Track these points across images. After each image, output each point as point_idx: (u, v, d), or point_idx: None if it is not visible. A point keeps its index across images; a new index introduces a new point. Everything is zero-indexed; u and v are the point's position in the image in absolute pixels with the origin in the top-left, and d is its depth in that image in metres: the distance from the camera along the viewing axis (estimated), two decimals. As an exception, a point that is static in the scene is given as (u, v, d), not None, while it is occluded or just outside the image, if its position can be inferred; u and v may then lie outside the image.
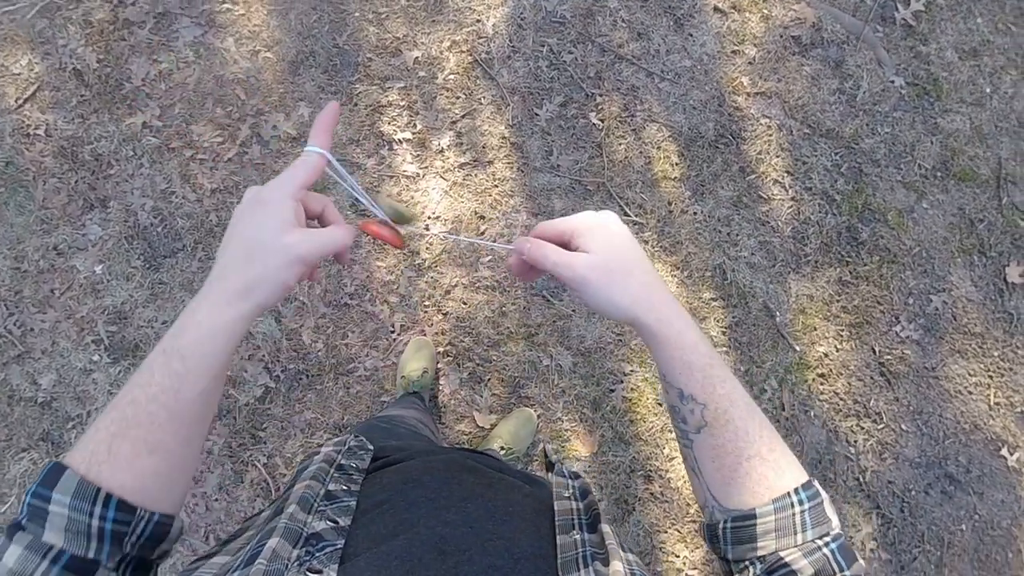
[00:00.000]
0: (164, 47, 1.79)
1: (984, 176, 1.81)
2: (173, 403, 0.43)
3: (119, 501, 0.41)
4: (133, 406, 0.43)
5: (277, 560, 0.39)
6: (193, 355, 0.43)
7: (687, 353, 0.47)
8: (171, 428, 0.43)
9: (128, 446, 0.42)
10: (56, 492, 0.40)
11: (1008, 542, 1.65)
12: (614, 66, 1.89)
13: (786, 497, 0.44)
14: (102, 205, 1.72)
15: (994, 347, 1.74)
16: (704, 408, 0.47)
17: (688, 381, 0.47)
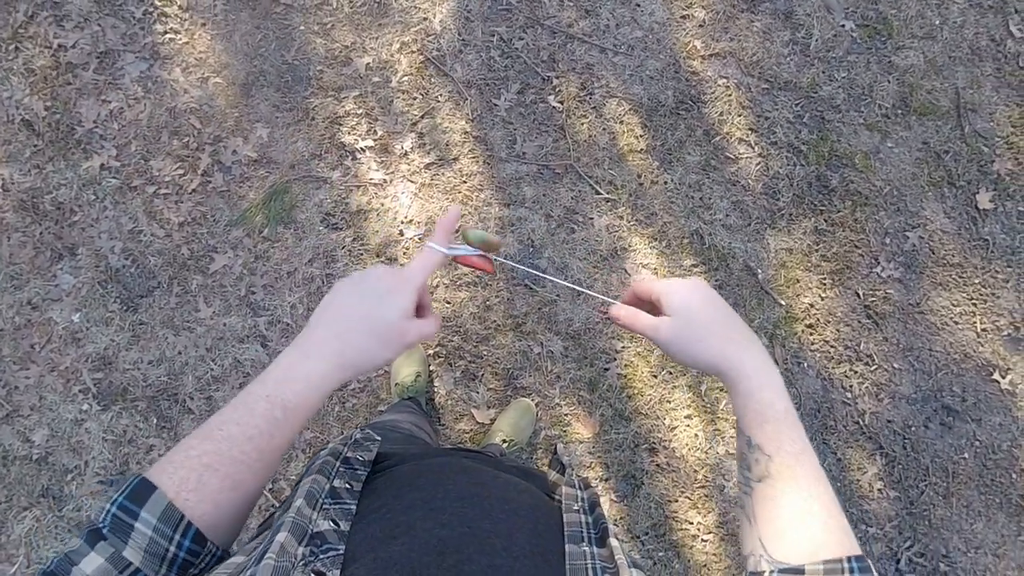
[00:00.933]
0: (111, 86, 1.77)
1: (944, 108, 1.82)
2: (266, 446, 0.46)
3: (196, 532, 0.43)
4: (229, 442, 0.46)
5: (285, 556, 0.39)
6: (296, 407, 0.47)
7: (763, 407, 0.50)
8: (257, 469, 0.47)
9: (217, 481, 0.45)
10: (144, 511, 0.42)
11: (1010, 463, 1.67)
12: (566, 46, 1.88)
13: (839, 562, 0.44)
14: (71, 253, 1.70)
15: (974, 275, 1.76)
16: (770, 460, 0.49)
17: (758, 432, 0.50)
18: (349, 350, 0.49)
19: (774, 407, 0.50)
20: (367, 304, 0.51)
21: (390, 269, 0.54)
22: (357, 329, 0.50)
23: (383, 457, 0.61)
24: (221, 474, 0.45)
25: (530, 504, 0.53)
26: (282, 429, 0.47)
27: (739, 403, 0.52)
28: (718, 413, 1.75)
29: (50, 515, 1.59)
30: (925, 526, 1.66)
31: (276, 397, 0.47)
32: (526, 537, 0.46)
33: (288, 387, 0.47)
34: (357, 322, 0.50)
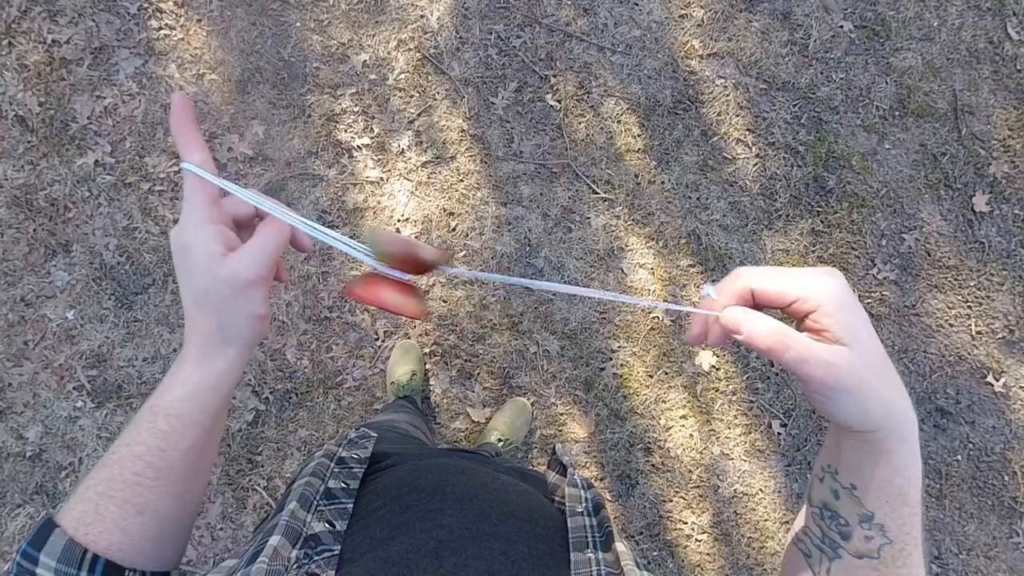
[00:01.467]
0: (106, 82, 1.76)
1: (941, 110, 1.82)
2: (159, 462, 0.42)
3: (106, 563, 0.41)
4: (120, 465, 0.42)
5: (278, 559, 0.39)
6: (180, 413, 0.42)
7: (910, 486, 0.38)
8: (159, 487, 0.43)
9: (115, 508, 0.42)
10: (43, 555, 0.40)
11: (1003, 466, 1.68)
12: (564, 45, 1.87)
13: None
14: (65, 250, 1.69)
15: (969, 277, 1.76)
16: (887, 545, 0.39)
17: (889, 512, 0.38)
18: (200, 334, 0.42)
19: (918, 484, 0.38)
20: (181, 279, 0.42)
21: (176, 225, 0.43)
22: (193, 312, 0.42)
23: (381, 457, 0.61)
24: (119, 499, 0.42)
25: (528, 506, 0.52)
26: (173, 441, 0.42)
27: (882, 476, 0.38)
28: (713, 413, 1.75)
29: (43, 513, 1.58)
30: (918, 527, 1.67)
31: (158, 408, 0.43)
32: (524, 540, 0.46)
33: (168, 395, 0.43)
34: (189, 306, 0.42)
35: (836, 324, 0.36)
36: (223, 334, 0.42)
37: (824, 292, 0.37)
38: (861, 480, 0.39)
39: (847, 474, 0.40)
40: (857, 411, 0.36)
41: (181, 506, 0.45)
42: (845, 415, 0.37)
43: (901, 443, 0.37)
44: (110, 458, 0.43)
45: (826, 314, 0.36)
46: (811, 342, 0.36)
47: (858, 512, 0.39)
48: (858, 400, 0.36)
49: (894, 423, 0.37)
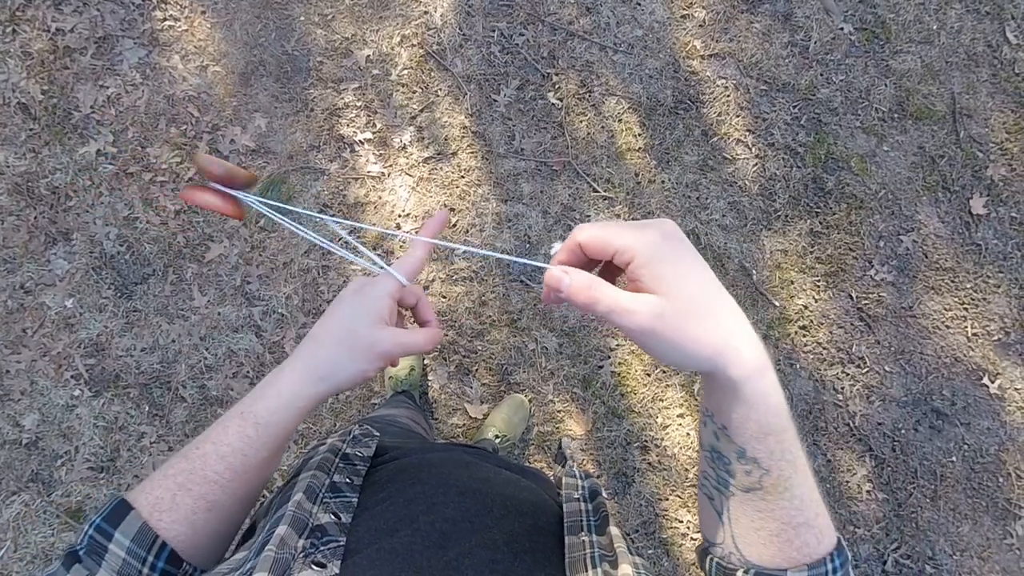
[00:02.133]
0: (109, 71, 1.76)
1: (940, 112, 1.83)
2: (239, 465, 0.46)
3: (171, 552, 0.43)
4: (203, 460, 0.45)
5: (285, 548, 0.39)
6: (268, 423, 0.46)
7: (768, 416, 0.38)
8: (232, 488, 0.46)
9: (191, 501, 0.44)
10: (118, 532, 0.42)
11: (997, 467, 1.69)
12: (566, 43, 1.88)
13: (822, 564, 0.41)
14: (65, 238, 1.69)
15: (966, 279, 1.77)
16: (766, 474, 0.40)
17: (757, 445, 0.39)
18: (320, 363, 0.48)
19: (780, 414, 0.39)
20: (338, 314, 0.49)
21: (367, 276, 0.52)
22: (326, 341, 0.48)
23: (383, 450, 0.61)
24: (195, 494, 0.44)
25: (531, 501, 0.53)
26: (256, 447, 0.46)
27: (737, 410, 0.38)
28: (710, 412, 1.75)
29: (39, 500, 1.58)
30: (912, 528, 1.68)
31: (249, 414, 0.46)
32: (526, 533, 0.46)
33: (261, 403, 0.46)
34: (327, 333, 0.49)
35: (647, 274, 0.37)
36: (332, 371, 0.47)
37: (640, 243, 0.37)
38: (726, 419, 0.40)
39: (717, 416, 0.40)
40: (676, 354, 0.37)
41: (242, 511, 0.49)
42: (667, 359, 0.38)
43: (744, 380, 0.37)
44: (193, 452, 0.46)
45: (639, 265, 0.37)
46: (619, 293, 0.37)
47: (734, 450, 0.40)
48: (672, 344, 0.36)
49: (725, 362, 0.37)
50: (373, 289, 0.50)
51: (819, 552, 0.41)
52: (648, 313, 0.36)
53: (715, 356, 0.37)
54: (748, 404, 0.38)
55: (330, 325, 0.49)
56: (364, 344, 0.48)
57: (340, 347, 0.47)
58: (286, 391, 0.47)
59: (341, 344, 0.48)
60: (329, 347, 0.48)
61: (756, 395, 0.38)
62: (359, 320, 0.48)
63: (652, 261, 0.37)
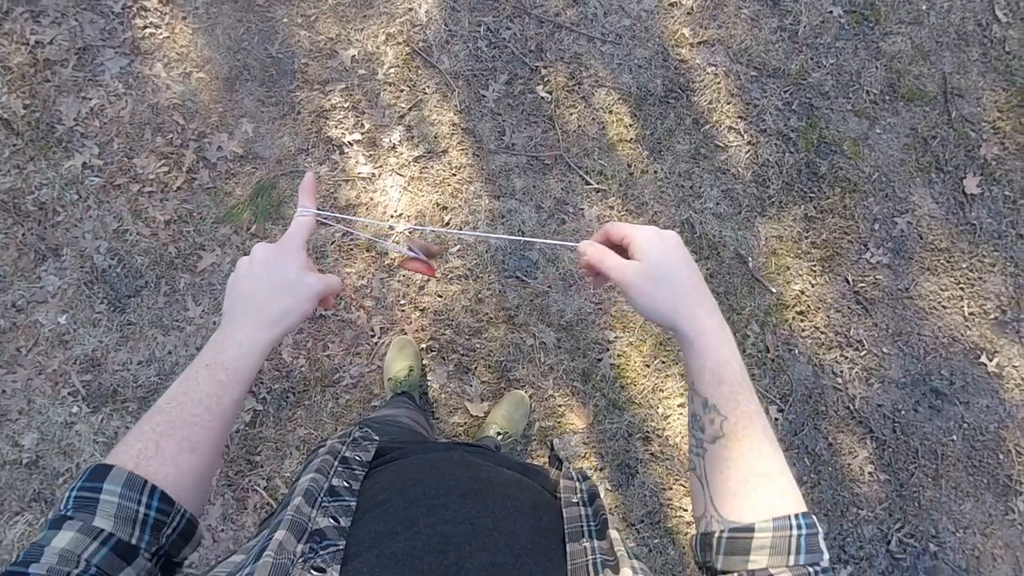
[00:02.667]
0: (91, 82, 1.73)
1: (931, 93, 1.82)
2: (216, 407, 0.50)
3: (162, 493, 0.45)
4: (179, 408, 0.49)
5: (283, 553, 0.39)
6: (236, 369, 0.52)
7: (719, 367, 0.50)
8: (211, 429, 0.50)
9: (174, 444, 0.48)
10: (107, 483, 0.44)
11: (997, 444, 1.70)
12: (554, 36, 1.86)
13: (786, 519, 0.45)
14: (55, 254, 1.67)
15: (961, 259, 1.77)
16: (724, 420, 0.49)
17: (714, 392, 0.50)
18: (268, 310, 0.54)
19: (731, 367, 0.50)
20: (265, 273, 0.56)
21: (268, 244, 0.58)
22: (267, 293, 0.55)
23: (384, 451, 0.62)
24: (177, 436, 0.48)
25: (532, 501, 0.53)
26: (228, 390, 0.51)
27: (695, 362, 0.51)
28: (711, 401, 1.76)
29: (42, 519, 1.58)
30: (915, 507, 1.69)
31: (216, 364, 0.51)
32: (528, 534, 0.46)
33: (225, 354, 0.52)
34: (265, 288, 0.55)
35: (636, 250, 0.54)
36: (282, 315, 0.55)
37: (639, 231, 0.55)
38: (692, 375, 0.52)
39: (689, 376, 0.53)
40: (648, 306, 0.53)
41: (216, 454, 0.52)
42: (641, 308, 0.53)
43: (702, 336, 0.51)
44: (166, 405, 0.50)
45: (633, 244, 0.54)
46: (618, 257, 0.55)
47: (700, 402, 0.51)
48: (646, 297, 0.52)
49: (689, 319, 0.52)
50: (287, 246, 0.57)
51: (784, 508, 0.46)
52: (631, 271, 0.53)
53: (673, 312, 0.52)
54: (702, 356, 0.51)
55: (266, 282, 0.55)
56: (303, 288, 0.56)
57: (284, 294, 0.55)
58: (246, 340, 0.52)
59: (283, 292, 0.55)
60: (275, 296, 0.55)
61: (708, 347, 0.51)
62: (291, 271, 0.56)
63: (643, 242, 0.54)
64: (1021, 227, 1.77)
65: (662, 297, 0.52)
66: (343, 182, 1.79)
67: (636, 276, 0.53)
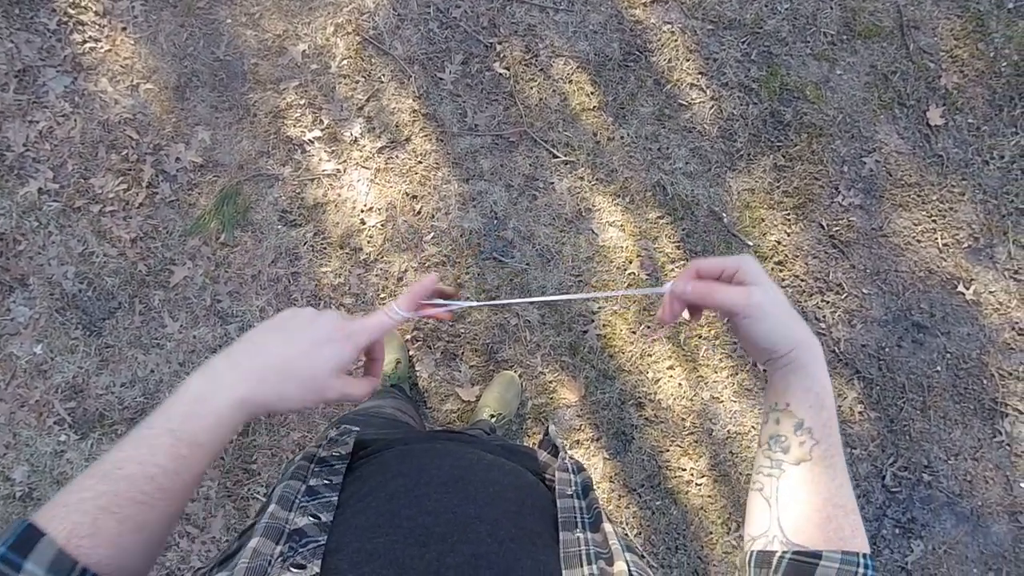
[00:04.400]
0: (36, 104, 1.68)
1: (887, 28, 1.81)
2: (171, 485, 0.43)
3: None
4: (128, 482, 0.41)
5: (259, 557, 0.39)
6: (204, 443, 0.44)
7: (824, 392, 0.50)
8: (163, 508, 0.43)
9: (115, 524, 0.40)
10: (29, 562, 0.38)
11: (981, 370, 1.73)
12: (505, 9, 1.83)
13: (855, 556, 0.45)
14: (22, 284, 1.64)
15: (932, 192, 1.78)
16: (816, 445, 0.49)
17: (814, 416, 0.49)
18: (265, 391, 0.46)
19: (831, 395, 0.50)
20: (296, 347, 0.48)
21: (336, 317, 0.50)
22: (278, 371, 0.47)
23: (365, 444, 0.61)
24: (120, 516, 0.41)
25: (515, 485, 0.53)
26: (189, 465, 0.44)
27: (801, 383, 0.50)
28: (699, 360, 1.77)
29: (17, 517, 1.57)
30: (906, 441, 1.72)
31: (183, 433, 0.43)
32: (511, 520, 0.46)
33: (196, 423, 0.44)
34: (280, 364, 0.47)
35: (750, 276, 0.51)
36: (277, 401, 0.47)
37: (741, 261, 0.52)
38: (790, 396, 0.51)
39: (783, 397, 0.51)
40: (773, 330, 0.50)
41: (171, 524, 0.46)
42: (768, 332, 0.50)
43: (813, 359, 0.51)
44: (115, 473, 0.42)
45: (744, 272, 0.51)
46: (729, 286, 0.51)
47: (792, 423, 0.50)
48: (772, 322, 0.50)
49: (803, 342, 0.51)
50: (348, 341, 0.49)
51: (853, 545, 0.46)
52: (758, 295, 0.49)
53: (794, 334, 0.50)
54: (811, 378, 0.50)
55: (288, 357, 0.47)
56: (318, 388, 0.48)
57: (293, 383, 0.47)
58: (226, 414, 0.45)
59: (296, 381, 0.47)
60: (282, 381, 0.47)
61: (820, 373, 0.51)
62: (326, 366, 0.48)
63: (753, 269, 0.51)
64: (986, 153, 1.78)
65: (783, 319, 0.50)
66: (308, 181, 1.76)
67: (763, 298, 0.49)
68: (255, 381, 0.46)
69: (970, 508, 1.69)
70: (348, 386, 0.50)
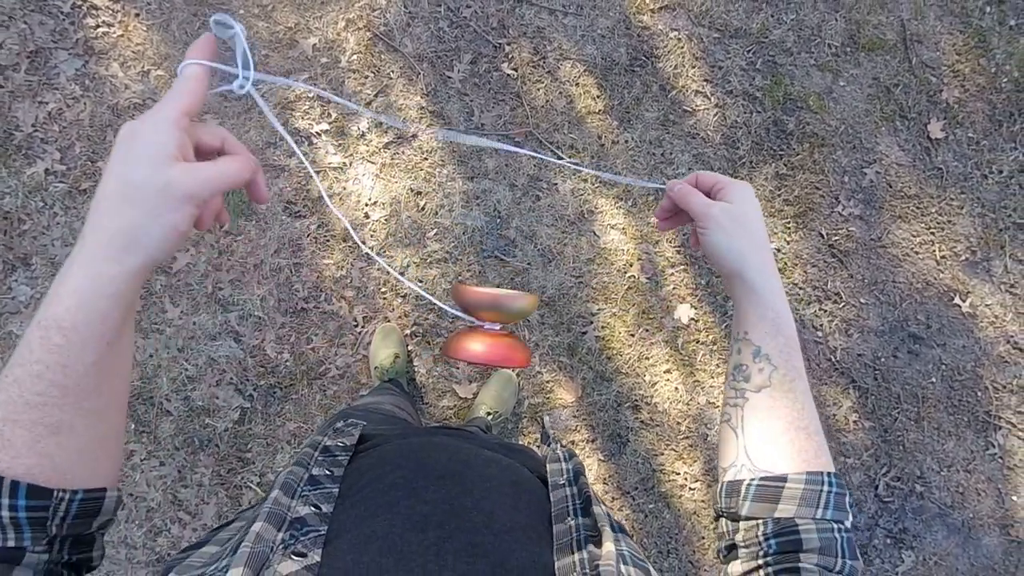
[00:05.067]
0: (47, 86, 1.70)
1: (891, 41, 1.84)
2: (63, 379, 0.38)
3: (29, 487, 0.37)
4: (17, 386, 0.38)
5: (262, 543, 0.39)
6: (75, 325, 0.38)
7: (779, 318, 0.51)
8: (70, 405, 0.39)
9: (24, 431, 0.38)
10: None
11: (975, 382, 1.74)
12: (515, 11, 1.85)
13: (820, 475, 0.46)
14: (24, 264, 1.64)
15: (931, 204, 1.80)
16: (775, 371, 0.50)
17: (771, 342, 0.50)
18: (109, 230, 0.38)
19: (788, 321, 0.51)
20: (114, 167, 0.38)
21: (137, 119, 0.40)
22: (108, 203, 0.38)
23: (364, 439, 0.61)
24: (25, 422, 0.38)
25: (512, 480, 0.54)
26: (74, 356, 0.38)
27: (755, 311, 0.51)
28: (696, 365, 1.78)
29: None
30: (900, 451, 1.73)
31: (48, 320, 0.38)
32: (506, 513, 0.47)
33: (57, 305, 0.38)
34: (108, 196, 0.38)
35: (725, 192, 0.55)
36: (132, 237, 0.38)
37: (737, 183, 0.55)
38: (748, 322, 0.52)
39: (742, 325, 0.53)
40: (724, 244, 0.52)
41: (100, 421, 0.41)
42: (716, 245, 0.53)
43: (767, 287, 0.52)
44: (4, 381, 0.38)
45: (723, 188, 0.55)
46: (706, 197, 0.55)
47: (751, 350, 0.51)
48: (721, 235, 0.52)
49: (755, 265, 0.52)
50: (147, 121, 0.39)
51: (817, 464, 0.47)
52: (717, 208, 0.53)
53: (745, 256, 0.52)
54: (764, 305, 0.51)
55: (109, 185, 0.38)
56: (159, 190, 0.37)
57: (129, 205, 0.37)
58: (84, 283, 0.37)
59: (130, 201, 0.37)
60: (116, 210, 0.38)
61: (772, 297, 0.51)
62: (142, 164, 0.38)
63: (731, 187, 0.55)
64: (985, 168, 1.80)
65: (738, 238, 0.52)
66: (314, 173, 1.77)
67: (721, 213, 0.53)
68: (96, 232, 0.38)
69: (961, 520, 1.70)
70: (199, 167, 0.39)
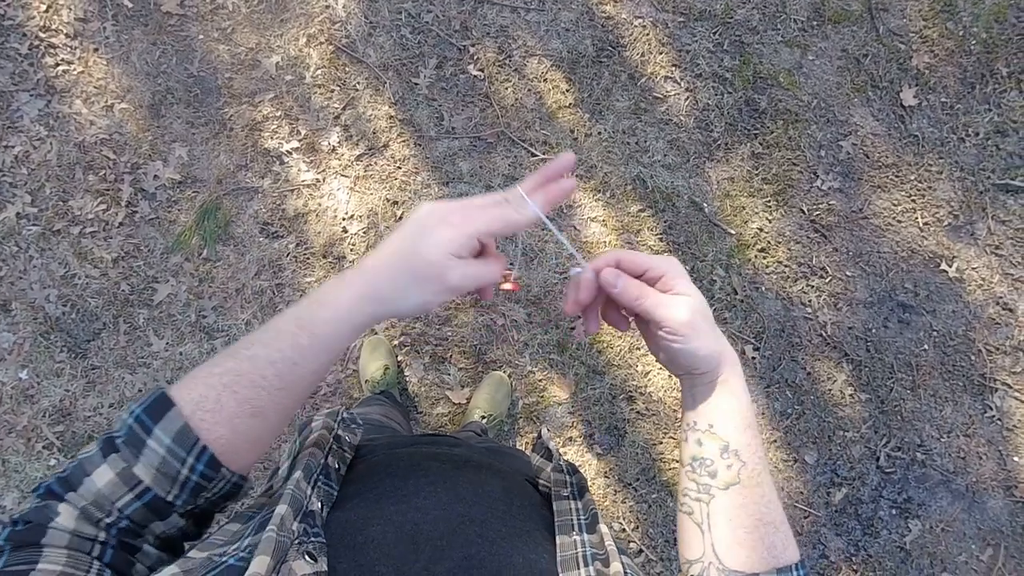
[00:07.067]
0: (11, 129, 1.68)
1: (857, 12, 1.82)
2: (288, 373, 0.44)
3: (211, 456, 0.42)
4: (252, 363, 0.44)
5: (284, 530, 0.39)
6: (323, 335, 0.44)
7: (746, 409, 0.48)
8: (278, 396, 0.44)
9: (235, 404, 0.43)
10: (158, 428, 0.41)
11: (968, 346, 1.73)
12: (476, 12, 1.83)
13: (789, 571, 0.46)
14: (4, 310, 1.63)
15: (909, 172, 1.79)
16: (743, 466, 0.47)
17: (740, 437, 0.47)
18: (381, 283, 0.44)
19: (752, 411, 0.48)
20: (408, 238, 0.44)
21: (449, 203, 0.45)
22: (391, 262, 0.44)
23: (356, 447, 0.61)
24: (240, 397, 0.43)
25: (503, 486, 0.53)
26: (307, 357, 0.44)
27: (725, 403, 0.47)
28: (687, 351, 1.77)
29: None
30: (898, 421, 1.72)
31: (305, 320, 0.44)
32: (500, 519, 0.47)
33: (318, 312, 0.44)
34: (394, 257, 0.44)
35: (680, 284, 0.46)
36: (397, 297, 0.44)
37: (668, 263, 0.47)
38: (715, 416, 0.48)
39: (705, 418, 0.48)
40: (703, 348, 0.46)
41: (281, 421, 0.47)
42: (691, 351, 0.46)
43: (733, 374, 0.48)
44: (242, 352, 0.44)
45: (672, 276, 0.47)
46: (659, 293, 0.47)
47: (719, 445, 0.47)
48: (701, 341, 0.46)
49: (728, 359, 0.48)
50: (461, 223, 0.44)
51: (785, 559, 0.46)
52: (687, 307, 0.45)
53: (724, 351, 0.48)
54: (736, 397, 0.48)
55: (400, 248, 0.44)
56: (433, 274, 0.43)
57: (407, 273, 0.44)
58: (344, 304, 0.44)
59: (409, 271, 0.44)
60: (395, 271, 0.44)
61: (741, 389, 0.48)
62: (435, 248, 0.43)
63: (680, 276, 0.47)
64: (961, 131, 1.78)
65: (712, 337, 0.47)
66: (288, 192, 1.76)
67: (694, 315, 0.45)
68: (371, 275, 0.45)
69: (965, 485, 1.69)
70: (471, 266, 0.44)
